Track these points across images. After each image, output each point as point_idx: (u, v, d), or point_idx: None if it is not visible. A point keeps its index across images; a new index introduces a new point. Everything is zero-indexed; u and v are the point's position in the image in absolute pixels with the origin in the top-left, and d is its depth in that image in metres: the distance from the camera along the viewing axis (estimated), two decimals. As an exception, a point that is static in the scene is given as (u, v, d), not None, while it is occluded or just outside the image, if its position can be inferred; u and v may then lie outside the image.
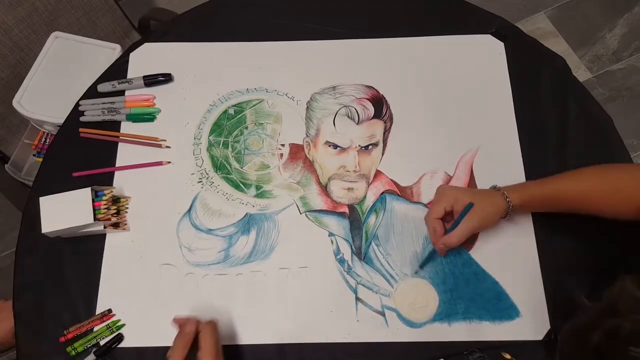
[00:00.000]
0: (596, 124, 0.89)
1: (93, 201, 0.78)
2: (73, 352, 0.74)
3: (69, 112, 0.92)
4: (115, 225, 0.81)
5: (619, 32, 1.81)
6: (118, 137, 0.89)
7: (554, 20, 1.83)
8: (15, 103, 1.11)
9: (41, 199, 0.79)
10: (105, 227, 0.80)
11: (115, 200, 0.82)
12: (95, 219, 0.78)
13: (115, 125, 0.90)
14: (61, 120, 0.93)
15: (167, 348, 0.74)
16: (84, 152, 0.88)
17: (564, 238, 0.80)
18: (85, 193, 0.79)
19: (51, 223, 0.78)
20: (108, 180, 0.86)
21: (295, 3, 1.01)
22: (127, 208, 0.83)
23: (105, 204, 0.79)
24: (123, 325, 0.76)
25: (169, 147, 0.88)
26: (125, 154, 0.88)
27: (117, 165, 0.87)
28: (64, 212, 0.78)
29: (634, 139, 1.65)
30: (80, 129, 0.89)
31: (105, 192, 0.80)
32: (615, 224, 0.80)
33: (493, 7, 0.98)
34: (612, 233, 0.80)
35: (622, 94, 1.72)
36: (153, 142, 0.88)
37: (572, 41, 1.80)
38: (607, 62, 1.77)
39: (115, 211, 0.81)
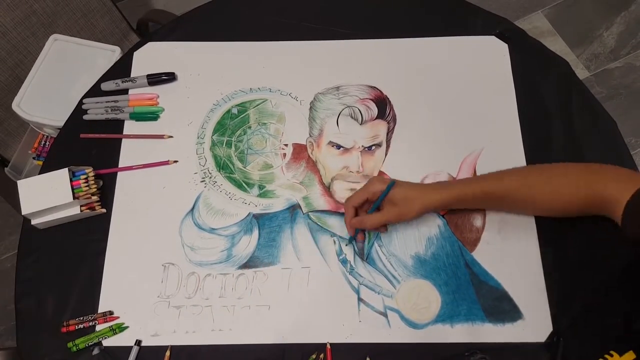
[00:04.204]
0: (600, 127, 0.88)
1: (71, 181, 0.80)
2: (74, 349, 0.74)
3: (69, 114, 0.92)
4: (91, 208, 0.82)
5: (616, 30, 1.81)
6: (119, 137, 0.89)
7: (551, 19, 1.83)
8: (14, 106, 1.11)
9: (19, 181, 0.80)
10: (81, 211, 0.81)
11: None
12: (74, 197, 0.79)
13: (118, 124, 0.90)
14: (61, 123, 0.93)
15: (167, 347, 0.75)
16: (86, 153, 0.88)
17: (567, 240, 0.80)
18: (63, 173, 0.80)
19: (31, 204, 0.79)
20: (111, 180, 0.86)
21: (299, 3, 1.01)
22: (99, 192, 0.84)
23: (84, 182, 0.81)
24: (126, 327, 0.76)
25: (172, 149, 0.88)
26: (128, 153, 0.88)
27: (120, 165, 0.87)
28: (43, 193, 0.80)
29: (632, 137, 1.65)
30: (81, 135, 0.89)
31: (86, 171, 0.82)
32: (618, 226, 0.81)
33: (490, 7, 0.98)
34: (615, 235, 0.80)
35: (620, 92, 1.72)
36: (156, 135, 0.89)
37: (570, 40, 1.80)
38: (604, 60, 1.77)
39: (95, 189, 0.82)
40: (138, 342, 0.75)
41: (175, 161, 0.87)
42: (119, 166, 0.87)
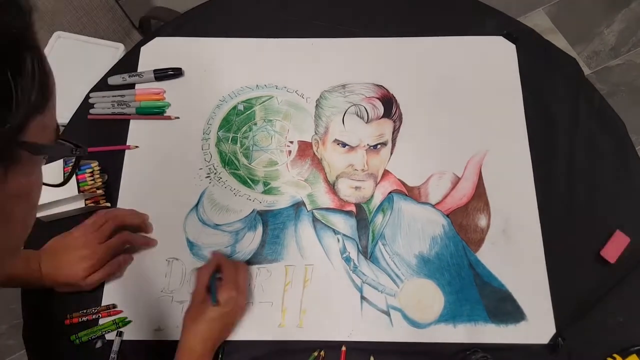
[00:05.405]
0: (607, 128, 0.88)
1: (76, 174, 0.79)
2: (77, 341, 0.74)
3: (73, 111, 0.92)
4: (96, 202, 0.82)
5: (616, 28, 1.81)
6: (127, 116, 0.89)
7: (552, 16, 1.83)
8: None
9: None
10: (86, 204, 0.81)
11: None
12: (79, 191, 0.79)
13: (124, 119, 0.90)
14: (64, 120, 0.93)
15: (170, 342, 0.75)
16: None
17: (571, 241, 0.80)
18: None
19: None
20: (116, 175, 0.86)
21: (307, 0, 1.01)
22: (103, 186, 0.83)
23: (90, 176, 0.80)
24: (129, 322, 0.76)
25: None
26: (133, 150, 0.88)
27: (125, 160, 0.87)
28: (47, 187, 0.79)
29: (633, 135, 1.63)
30: (89, 116, 0.89)
31: (92, 165, 0.81)
32: (621, 229, 0.80)
33: (491, 4, 0.98)
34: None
35: (620, 90, 1.72)
36: (163, 117, 0.90)
37: (570, 37, 1.80)
38: (605, 58, 1.78)
39: (100, 183, 0.81)
40: (120, 334, 0.75)
41: (137, 146, 0.87)
42: (124, 160, 0.87)
